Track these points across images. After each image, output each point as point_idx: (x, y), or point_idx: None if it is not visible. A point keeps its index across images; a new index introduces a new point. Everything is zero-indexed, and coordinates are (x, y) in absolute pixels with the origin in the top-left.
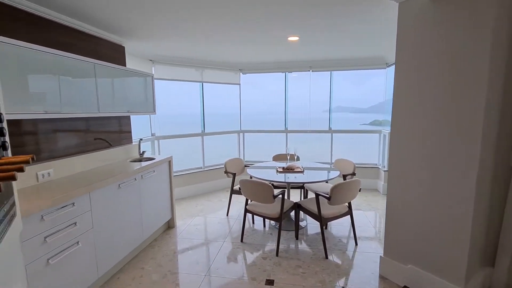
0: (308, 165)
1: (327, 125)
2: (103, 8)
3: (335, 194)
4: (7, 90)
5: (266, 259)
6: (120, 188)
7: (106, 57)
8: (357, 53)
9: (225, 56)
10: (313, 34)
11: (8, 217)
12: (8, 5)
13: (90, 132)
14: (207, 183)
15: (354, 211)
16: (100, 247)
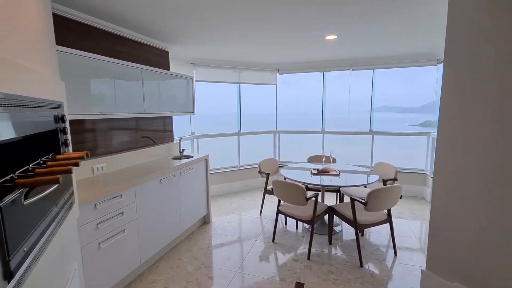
0: (344, 168)
1: (367, 126)
2: (150, 17)
3: (372, 200)
4: (71, 94)
5: (297, 261)
6: (161, 183)
7: (153, 62)
8: (403, 49)
9: (262, 57)
10: (352, 31)
11: (68, 204)
12: (71, 19)
13: (138, 131)
14: (241, 182)
15: (395, 219)
16: (143, 236)
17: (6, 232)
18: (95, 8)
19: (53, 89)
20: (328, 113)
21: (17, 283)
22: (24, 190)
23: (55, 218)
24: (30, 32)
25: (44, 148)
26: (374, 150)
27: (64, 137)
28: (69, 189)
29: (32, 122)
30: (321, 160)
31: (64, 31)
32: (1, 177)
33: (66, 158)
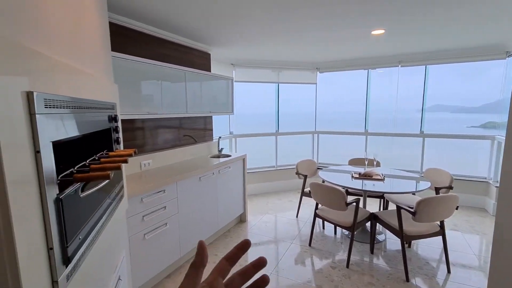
0: (390, 173)
1: (417, 127)
2: (196, 22)
3: (422, 209)
4: (123, 96)
5: (335, 268)
6: (201, 180)
7: (196, 64)
8: (464, 41)
9: (302, 56)
10: (402, 24)
11: (118, 197)
12: (126, 27)
13: (181, 130)
14: (278, 182)
15: (449, 232)
16: (183, 230)
17: (65, 221)
18: (147, 16)
19: (108, 92)
20: (372, 113)
21: (73, 268)
22: (81, 184)
23: (107, 209)
24: (92, 42)
25: (99, 145)
26: (425, 154)
27: (116, 135)
28: (120, 183)
29: (90, 122)
30: (364, 163)
31: (119, 37)
32: (63, 171)
33: (117, 155)
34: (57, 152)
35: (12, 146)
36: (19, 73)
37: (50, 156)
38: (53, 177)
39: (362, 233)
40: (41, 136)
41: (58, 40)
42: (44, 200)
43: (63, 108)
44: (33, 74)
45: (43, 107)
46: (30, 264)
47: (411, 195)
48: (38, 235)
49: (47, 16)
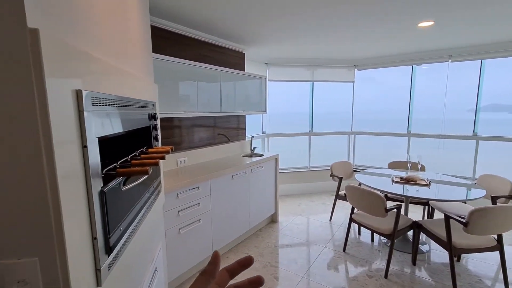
0: (436, 178)
1: (469, 129)
2: (232, 23)
3: (476, 220)
4: (163, 95)
5: (371, 277)
6: (233, 179)
7: (230, 63)
8: None
9: (339, 53)
10: (456, 14)
11: (156, 191)
12: (166, 29)
13: (215, 128)
14: (311, 184)
15: (508, 247)
16: (215, 227)
17: (108, 213)
18: (187, 19)
19: (149, 91)
20: (416, 113)
21: (114, 257)
22: (123, 178)
23: (146, 203)
24: (135, 44)
25: (139, 142)
26: (478, 159)
27: (155, 132)
28: (158, 179)
29: (132, 119)
30: (406, 166)
31: (159, 39)
32: (107, 166)
33: (155, 151)
34: (102, 148)
35: (62, 142)
36: (71, 74)
37: (96, 151)
38: (98, 171)
39: (403, 242)
40: (88, 132)
41: (105, 43)
42: (90, 193)
43: (108, 106)
44: (83, 74)
45: (91, 105)
46: (76, 253)
47: (461, 204)
48: (84, 225)
49: (96, 21)
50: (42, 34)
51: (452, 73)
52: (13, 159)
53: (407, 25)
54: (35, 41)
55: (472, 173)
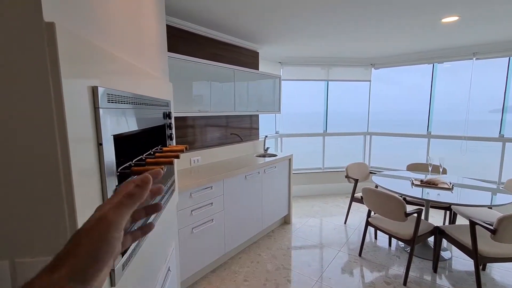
0: (459, 181)
1: (494, 130)
2: (246, 21)
3: (505, 227)
4: (177, 94)
5: (389, 284)
6: (246, 179)
7: (244, 63)
8: None
9: (355, 51)
10: (481, 8)
11: (170, 190)
12: (181, 29)
13: (228, 128)
14: (325, 185)
15: None
16: (228, 227)
17: None
18: (202, 18)
19: (164, 90)
20: (436, 114)
21: (128, 257)
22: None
23: (161, 201)
24: (151, 44)
25: (154, 141)
26: (505, 162)
27: (170, 131)
28: (172, 177)
29: (148, 118)
30: (426, 169)
31: (174, 38)
32: (122, 164)
33: (170, 150)
34: (117, 146)
35: (77, 139)
36: (87, 70)
37: (111, 149)
38: (113, 169)
39: (423, 248)
40: (104, 129)
41: (121, 40)
42: (105, 191)
43: (124, 103)
44: (99, 70)
45: (106, 102)
46: None
47: (486, 209)
48: None
49: (112, 18)
50: (58, 28)
51: (476, 71)
52: (28, 157)
53: (429, 21)
54: (51, 35)
55: (498, 177)
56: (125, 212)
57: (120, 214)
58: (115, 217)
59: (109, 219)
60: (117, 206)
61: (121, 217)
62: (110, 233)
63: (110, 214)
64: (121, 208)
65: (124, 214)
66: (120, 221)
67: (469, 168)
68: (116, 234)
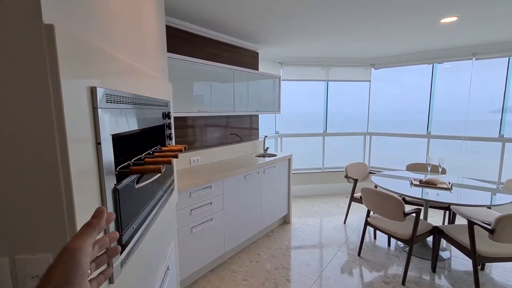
0: (458, 181)
1: (494, 131)
2: (246, 21)
3: (503, 227)
4: (178, 95)
5: (388, 284)
6: (246, 179)
7: (244, 63)
8: None
9: (355, 51)
10: (481, 8)
11: (169, 190)
12: (180, 29)
13: (228, 128)
14: (325, 185)
15: None
16: (227, 227)
17: (121, 211)
18: (201, 18)
19: (163, 90)
20: (436, 114)
21: (127, 255)
22: (137, 176)
23: (159, 201)
24: (151, 44)
25: (154, 141)
26: (504, 162)
27: (169, 131)
28: (171, 177)
29: (147, 118)
30: (425, 169)
31: (173, 39)
32: (121, 164)
33: (169, 150)
34: (116, 146)
35: (76, 139)
36: (86, 70)
37: (109, 149)
38: (111, 168)
39: (422, 248)
40: (102, 129)
41: (120, 40)
42: (103, 190)
43: (123, 103)
44: (98, 71)
45: (105, 102)
46: None
47: (486, 209)
48: None
49: (112, 18)
50: (57, 30)
51: (476, 71)
52: (28, 156)
53: (428, 21)
54: (51, 37)
55: (498, 177)
56: (87, 238)
57: (83, 240)
58: (78, 244)
59: (74, 246)
60: (79, 235)
61: (84, 243)
62: (77, 257)
63: (74, 242)
64: (83, 236)
65: (86, 240)
66: (84, 246)
67: (468, 168)
68: (83, 258)
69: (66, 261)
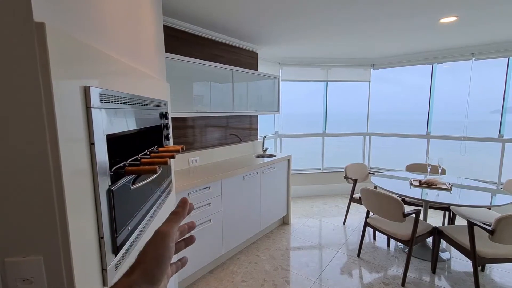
0: (458, 182)
1: (494, 131)
2: (245, 21)
3: (503, 228)
4: (177, 95)
5: (388, 285)
6: (245, 179)
7: (243, 63)
8: None
9: (354, 52)
10: (480, 9)
11: (167, 191)
12: (179, 30)
13: (227, 128)
14: (324, 186)
15: None
16: (226, 228)
17: (116, 212)
18: (200, 19)
19: (161, 90)
20: (436, 114)
21: (121, 257)
22: (133, 176)
23: (156, 202)
24: (148, 44)
25: (151, 141)
26: (504, 163)
27: (166, 131)
28: (169, 178)
29: (143, 118)
30: (425, 169)
31: (173, 39)
32: (117, 164)
33: (165, 150)
34: (112, 146)
35: (69, 139)
36: (79, 70)
37: (104, 149)
38: (106, 169)
39: (422, 249)
40: (96, 129)
41: (116, 40)
42: (97, 191)
43: (118, 103)
44: (91, 70)
45: (99, 102)
46: (81, 252)
47: (486, 210)
48: (90, 224)
49: (108, 18)
50: (48, 28)
51: (475, 71)
52: (18, 157)
53: (428, 21)
54: (42, 35)
55: (498, 178)
56: (173, 225)
57: (171, 226)
58: (167, 229)
59: (163, 231)
60: (168, 221)
61: (172, 228)
62: (165, 241)
63: (163, 228)
64: (170, 222)
65: (174, 226)
66: (171, 231)
67: (468, 168)
68: (170, 242)
69: (157, 243)
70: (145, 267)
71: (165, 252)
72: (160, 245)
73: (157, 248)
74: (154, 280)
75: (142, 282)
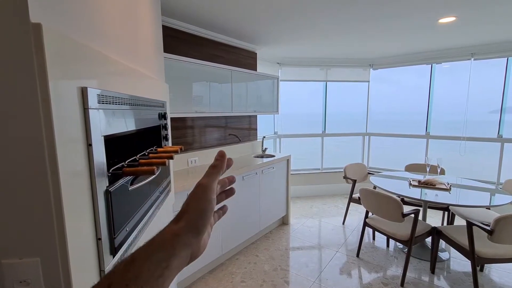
0: (457, 182)
1: (493, 131)
2: (244, 22)
3: (502, 228)
4: (177, 95)
5: (387, 285)
6: (244, 180)
7: (242, 63)
8: None
9: (354, 52)
10: (479, 9)
11: (166, 191)
12: (178, 30)
13: (226, 128)
14: (323, 186)
15: None
16: (225, 228)
17: (113, 213)
18: (199, 19)
19: (159, 91)
20: (435, 114)
21: (119, 258)
22: (131, 177)
23: (155, 203)
24: (147, 44)
25: (150, 142)
26: (503, 163)
27: (165, 132)
28: (167, 178)
29: (142, 119)
30: (424, 169)
31: (172, 39)
32: (115, 165)
33: (164, 151)
34: (110, 147)
35: (66, 140)
36: (76, 70)
37: (101, 150)
38: (103, 170)
39: (421, 249)
40: (94, 130)
41: (114, 40)
42: (94, 192)
43: (115, 104)
44: (89, 71)
45: (96, 102)
46: (79, 253)
47: (485, 210)
48: (87, 225)
49: (106, 18)
50: (45, 29)
51: (474, 71)
52: (14, 158)
53: (426, 22)
54: (38, 36)
55: (497, 178)
56: (213, 178)
57: (211, 179)
58: (208, 182)
59: (204, 184)
60: (208, 175)
61: (213, 181)
62: (207, 193)
63: (204, 181)
64: (211, 175)
65: (213, 179)
66: (212, 184)
67: (467, 168)
68: (212, 195)
69: (199, 196)
70: (189, 217)
71: (207, 205)
72: (202, 198)
73: (199, 200)
74: (198, 230)
75: (188, 231)
